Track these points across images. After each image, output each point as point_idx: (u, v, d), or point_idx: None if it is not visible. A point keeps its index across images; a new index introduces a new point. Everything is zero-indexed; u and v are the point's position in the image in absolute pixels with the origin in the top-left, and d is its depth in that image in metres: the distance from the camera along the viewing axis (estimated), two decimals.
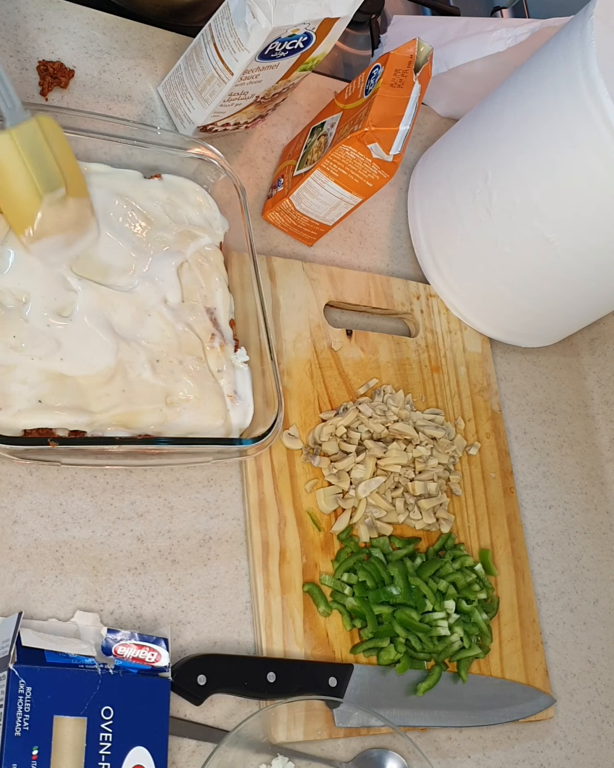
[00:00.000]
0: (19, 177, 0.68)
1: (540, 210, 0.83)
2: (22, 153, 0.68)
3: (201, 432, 0.73)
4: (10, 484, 0.69)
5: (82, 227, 0.72)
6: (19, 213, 0.69)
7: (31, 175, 0.68)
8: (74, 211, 0.71)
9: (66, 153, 0.72)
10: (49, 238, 0.69)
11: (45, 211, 0.68)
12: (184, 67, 0.81)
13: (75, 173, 0.72)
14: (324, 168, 0.82)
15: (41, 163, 0.68)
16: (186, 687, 0.67)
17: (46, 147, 0.69)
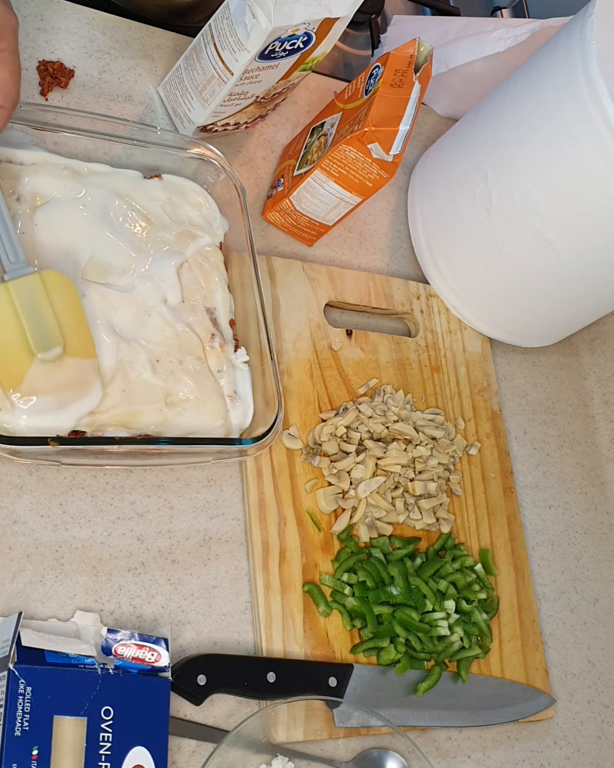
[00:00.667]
0: (9, 332, 0.65)
1: (540, 210, 0.83)
2: (17, 307, 0.66)
3: (201, 432, 0.73)
4: (10, 484, 0.69)
5: (80, 389, 0.68)
6: (7, 370, 0.65)
7: (25, 332, 0.65)
8: (73, 371, 0.67)
9: (73, 311, 0.69)
10: (38, 399, 0.66)
11: (35, 370, 0.65)
12: (184, 67, 0.81)
13: (81, 333, 0.69)
14: (324, 168, 0.82)
15: (37, 320, 0.66)
16: (186, 687, 0.67)
17: (46, 303, 0.67)
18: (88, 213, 0.74)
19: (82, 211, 0.74)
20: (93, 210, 0.74)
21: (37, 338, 0.66)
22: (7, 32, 0.64)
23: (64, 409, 0.67)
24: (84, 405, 0.68)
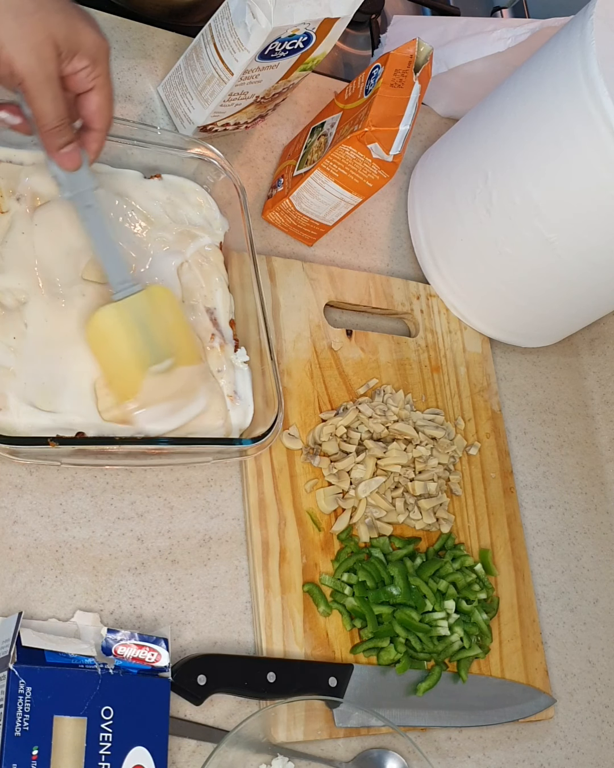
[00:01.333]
0: (124, 348, 0.69)
1: (540, 210, 0.83)
2: (128, 326, 0.69)
3: (201, 432, 0.73)
4: (10, 484, 0.69)
5: (189, 394, 0.72)
6: (124, 383, 0.69)
7: (137, 348, 0.69)
8: (183, 379, 0.71)
9: (178, 321, 0.73)
10: (154, 408, 0.69)
11: (149, 382, 0.69)
12: (184, 67, 0.81)
13: (188, 342, 0.73)
14: (324, 168, 0.82)
15: (148, 334, 0.70)
16: (186, 687, 0.67)
17: (154, 318, 0.70)
18: None
19: None
20: None
21: (149, 352, 0.69)
22: (102, 57, 0.65)
23: (177, 414, 0.70)
24: (194, 408, 0.71)
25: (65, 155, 0.66)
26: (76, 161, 0.67)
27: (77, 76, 0.64)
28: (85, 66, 0.63)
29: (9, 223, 0.71)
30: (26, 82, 0.61)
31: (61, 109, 0.63)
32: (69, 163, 0.67)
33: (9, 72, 0.61)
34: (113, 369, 0.70)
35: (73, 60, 0.63)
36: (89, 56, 0.63)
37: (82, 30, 0.63)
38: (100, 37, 0.64)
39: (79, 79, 0.64)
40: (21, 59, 0.60)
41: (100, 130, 0.68)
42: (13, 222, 0.71)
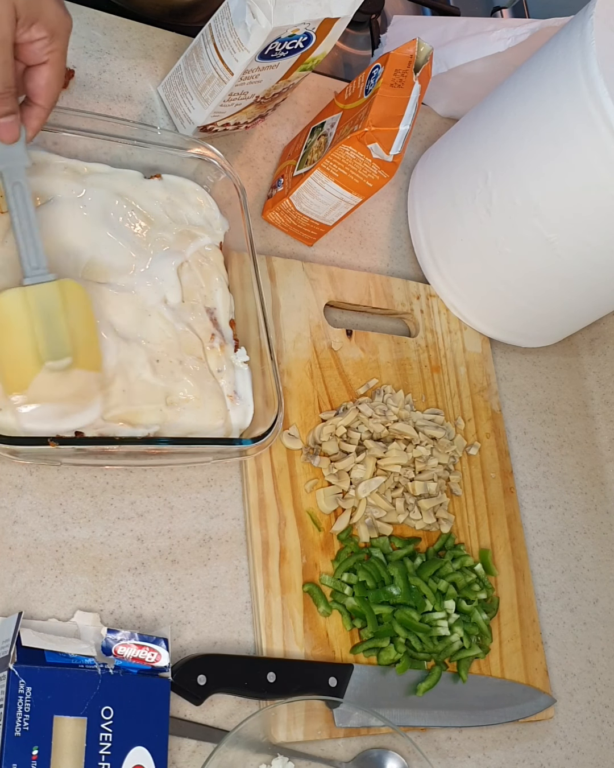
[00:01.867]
0: (22, 337, 0.65)
1: (540, 210, 0.83)
2: (32, 313, 0.65)
3: (201, 432, 0.73)
4: (10, 484, 0.69)
5: (82, 401, 0.68)
6: (15, 374, 0.65)
7: (37, 339, 0.65)
8: (78, 383, 0.67)
9: (86, 323, 0.68)
10: (40, 406, 0.65)
11: (42, 377, 0.65)
12: (184, 67, 0.81)
13: (91, 346, 0.69)
14: (324, 168, 0.82)
15: (51, 328, 0.65)
16: (186, 687, 0.67)
17: (62, 312, 0.66)
18: (88, 213, 0.74)
19: (82, 211, 0.74)
20: (93, 210, 0.74)
21: (49, 346, 0.65)
22: (61, 33, 0.63)
23: (64, 419, 0.66)
24: (83, 417, 0.67)
25: (3, 125, 0.63)
26: (14, 133, 0.64)
27: (32, 46, 0.62)
28: (42, 37, 0.61)
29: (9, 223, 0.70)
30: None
31: (9, 76, 0.61)
32: (6, 134, 0.64)
33: None
34: (6, 357, 0.65)
35: (32, 29, 0.60)
36: (48, 28, 0.61)
37: (46, 0, 0.60)
38: (63, 11, 0.62)
39: (34, 50, 0.62)
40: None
41: (43, 107, 0.65)
42: None
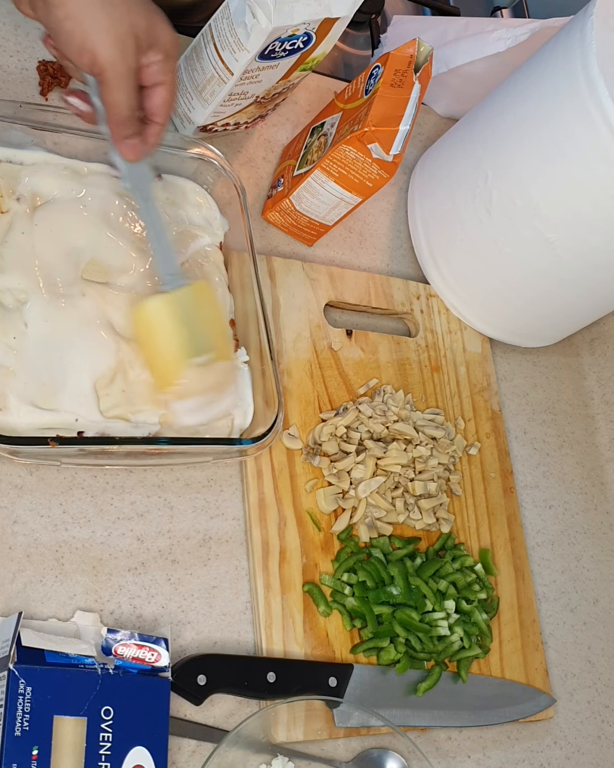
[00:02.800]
0: (168, 341, 0.70)
1: (540, 210, 0.83)
2: (175, 318, 0.70)
3: (201, 432, 0.73)
4: (10, 484, 0.69)
5: (223, 389, 0.74)
6: (165, 373, 0.71)
7: (181, 340, 0.70)
8: (218, 374, 0.73)
9: (217, 318, 0.75)
10: (190, 400, 0.71)
11: (189, 373, 0.70)
12: (184, 67, 0.81)
13: (224, 338, 0.75)
14: (324, 168, 0.82)
15: (192, 328, 0.71)
16: (186, 687, 0.67)
17: (199, 312, 0.71)
18: (88, 213, 0.74)
19: (82, 211, 0.74)
20: (93, 210, 0.74)
21: (191, 345, 0.70)
22: (174, 52, 0.66)
23: (211, 406, 0.72)
24: (223, 404, 0.74)
25: (130, 146, 0.68)
26: (139, 152, 0.69)
27: (150, 69, 0.65)
28: (158, 60, 0.65)
29: (9, 223, 0.71)
30: (106, 72, 0.62)
31: (134, 101, 0.65)
32: (133, 154, 0.68)
33: (91, 61, 0.62)
34: (156, 358, 0.71)
35: (149, 53, 0.64)
36: (164, 51, 0.65)
37: (159, 24, 0.64)
38: (173, 33, 0.66)
39: (151, 73, 0.65)
40: (105, 50, 0.61)
41: (161, 124, 0.69)
42: (13, 222, 0.71)
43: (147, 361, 0.71)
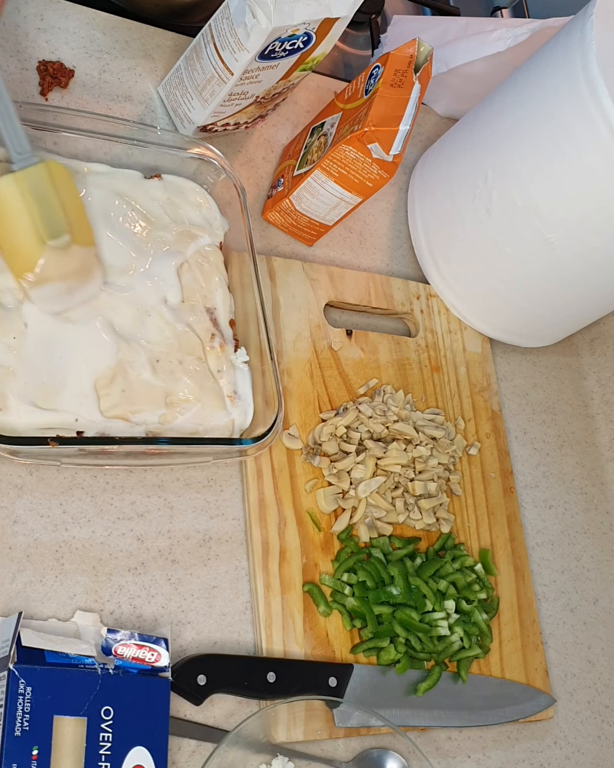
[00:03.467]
0: (22, 221, 0.66)
1: (540, 210, 0.83)
2: (27, 197, 0.66)
3: (201, 432, 0.73)
4: (10, 484, 0.69)
5: (84, 276, 0.70)
6: (21, 258, 0.67)
7: (35, 221, 0.66)
8: (78, 259, 0.69)
9: (74, 200, 0.70)
10: (50, 285, 0.68)
11: (47, 257, 0.67)
12: (184, 67, 0.81)
13: (82, 221, 0.71)
14: (324, 168, 0.82)
15: (46, 208, 0.67)
16: (186, 687, 0.67)
17: (53, 192, 0.68)
18: (87, 213, 0.74)
19: None
20: (93, 210, 0.74)
21: (47, 226, 0.67)
22: None
23: (72, 295, 0.69)
24: (87, 290, 0.70)
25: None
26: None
27: None
28: None
29: None
30: None
31: None
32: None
33: None
34: (10, 242, 0.67)
35: None
36: None
37: None
38: None
39: None
40: None
41: None
42: None
43: (1, 246, 0.67)
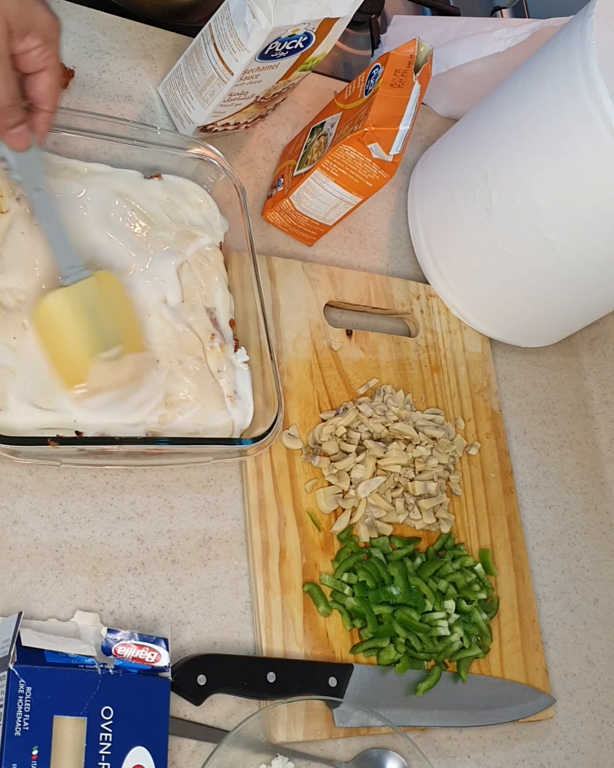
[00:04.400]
0: (71, 335, 0.68)
1: (540, 210, 0.83)
2: (77, 311, 0.68)
3: (201, 432, 0.73)
4: (10, 484, 0.69)
5: (138, 381, 0.71)
6: (71, 370, 0.68)
7: (85, 334, 0.68)
8: (131, 366, 0.70)
9: (125, 308, 0.72)
10: (103, 395, 0.69)
11: (98, 369, 0.68)
12: (184, 67, 0.81)
13: (134, 329, 0.72)
14: (324, 168, 0.82)
15: (97, 321, 0.68)
16: (186, 687, 0.67)
17: (104, 305, 0.69)
18: (88, 213, 0.74)
19: (82, 211, 0.74)
20: (93, 210, 0.74)
21: (98, 338, 0.68)
22: (54, 37, 0.63)
23: (126, 401, 0.70)
24: (143, 394, 0.71)
25: (16, 135, 0.65)
26: (26, 141, 0.66)
27: (29, 55, 0.62)
28: (37, 45, 0.62)
29: (9, 223, 0.70)
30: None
31: (12, 89, 0.62)
32: (20, 143, 0.66)
33: None
34: (61, 355, 0.68)
35: (26, 38, 0.61)
36: (42, 35, 0.61)
37: (35, 8, 0.61)
38: (52, 16, 0.62)
39: (31, 59, 0.62)
40: None
41: (49, 111, 0.66)
42: (13, 222, 0.71)
43: (52, 359, 0.68)
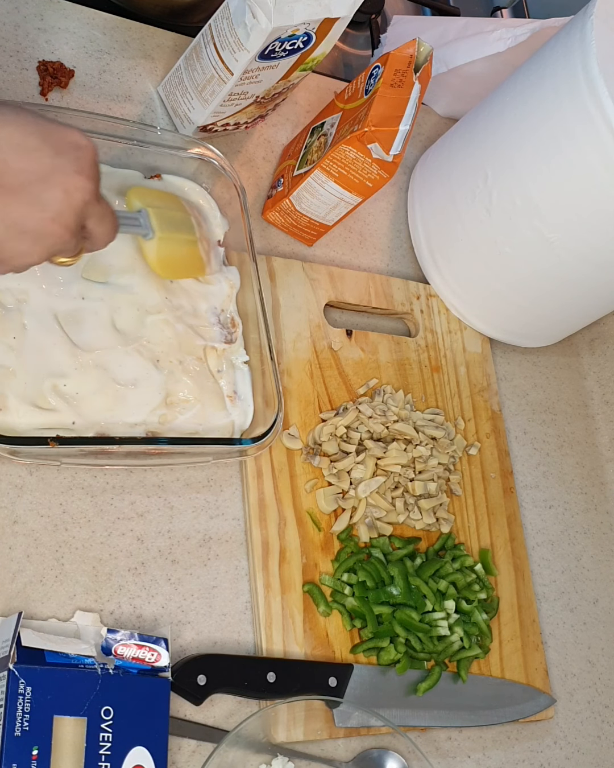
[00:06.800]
0: (189, 253, 0.75)
1: (540, 210, 0.83)
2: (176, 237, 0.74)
3: (201, 432, 0.73)
4: (10, 484, 0.69)
5: None
6: (198, 268, 0.77)
7: (189, 242, 0.75)
8: None
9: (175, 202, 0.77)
10: None
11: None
12: (184, 67, 0.81)
13: None
14: (324, 168, 0.82)
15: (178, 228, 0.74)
16: (186, 687, 0.67)
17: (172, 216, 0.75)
18: None
19: None
20: None
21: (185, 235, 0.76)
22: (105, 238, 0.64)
23: None
24: None
25: None
26: None
27: None
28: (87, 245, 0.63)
29: None
30: None
31: None
32: None
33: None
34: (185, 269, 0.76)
35: None
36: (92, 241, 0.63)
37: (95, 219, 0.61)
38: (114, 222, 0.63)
39: None
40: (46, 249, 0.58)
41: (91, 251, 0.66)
42: None
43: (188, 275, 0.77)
